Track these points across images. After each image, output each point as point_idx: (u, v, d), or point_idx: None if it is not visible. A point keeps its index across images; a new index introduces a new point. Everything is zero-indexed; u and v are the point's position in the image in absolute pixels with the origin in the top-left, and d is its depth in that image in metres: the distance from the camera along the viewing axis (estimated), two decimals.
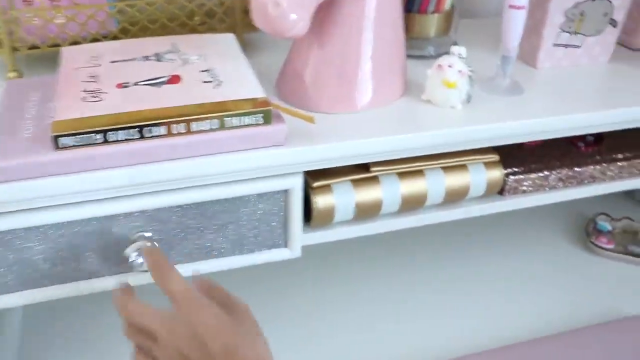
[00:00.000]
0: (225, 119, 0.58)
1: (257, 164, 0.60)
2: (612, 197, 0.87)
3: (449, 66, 0.69)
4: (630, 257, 0.92)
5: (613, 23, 0.83)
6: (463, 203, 0.77)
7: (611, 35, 0.84)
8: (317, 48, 0.68)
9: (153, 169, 0.57)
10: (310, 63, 0.69)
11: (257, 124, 0.59)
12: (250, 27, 0.78)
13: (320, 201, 0.69)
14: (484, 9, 1.04)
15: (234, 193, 0.62)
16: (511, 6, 0.71)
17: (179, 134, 0.57)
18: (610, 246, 0.93)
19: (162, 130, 0.57)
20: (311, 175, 0.68)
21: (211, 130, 0.58)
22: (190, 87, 0.61)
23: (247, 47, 0.82)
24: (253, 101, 0.59)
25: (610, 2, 0.81)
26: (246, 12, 0.79)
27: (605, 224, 0.96)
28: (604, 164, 0.84)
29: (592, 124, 0.74)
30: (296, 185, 0.64)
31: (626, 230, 0.96)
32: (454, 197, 0.76)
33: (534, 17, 0.80)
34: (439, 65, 0.70)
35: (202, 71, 0.63)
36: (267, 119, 0.60)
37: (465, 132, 0.68)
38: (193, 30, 0.78)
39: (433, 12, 0.82)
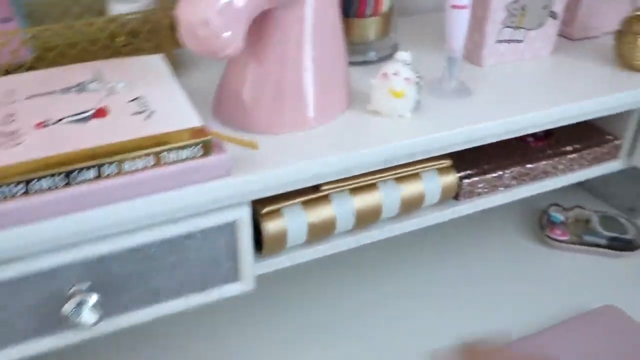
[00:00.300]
0: (160, 154, 0.53)
1: (200, 199, 0.56)
2: (562, 187, 0.86)
3: (395, 74, 0.66)
4: (585, 247, 0.92)
5: (553, 15, 0.81)
6: (419, 212, 0.74)
7: (552, 27, 0.83)
8: (254, 64, 0.64)
9: (85, 217, 0.51)
10: (248, 81, 0.64)
11: (197, 157, 0.55)
12: (179, 43, 0.73)
13: (271, 227, 0.64)
14: (422, 5, 1.01)
15: (176, 232, 0.57)
16: (454, 6, 0.68)
17: (111, 175, 0.52)
18: (565, 237, 0.92)
19: (92, 173, 0.51)
20: (258, 201, 0.64)
21: (146, 168, 0.53)
22: (119, 121, 0.55)
23: (177, 65, 0.76)
24: (190, 131, 0.54)
25: None
26: (173, 28, 0.74)
27: (557, 215, 0.95)
28: (555, 158, 0.83)
29: (544, 122, 0.73)
30: (244, 215, 0.60)
31: (578, 219, 0.96)
32: (410, 207, 0.73)
33: (475, 15, 0.78)
34: (384, 74, 0.66)
35: (131, 101, 0.58)
36: (207, 150, 0.55)
37: (417, 142, 0.65)
38: (117, 52, 0.72)
39: (371, 15, 0.79)
